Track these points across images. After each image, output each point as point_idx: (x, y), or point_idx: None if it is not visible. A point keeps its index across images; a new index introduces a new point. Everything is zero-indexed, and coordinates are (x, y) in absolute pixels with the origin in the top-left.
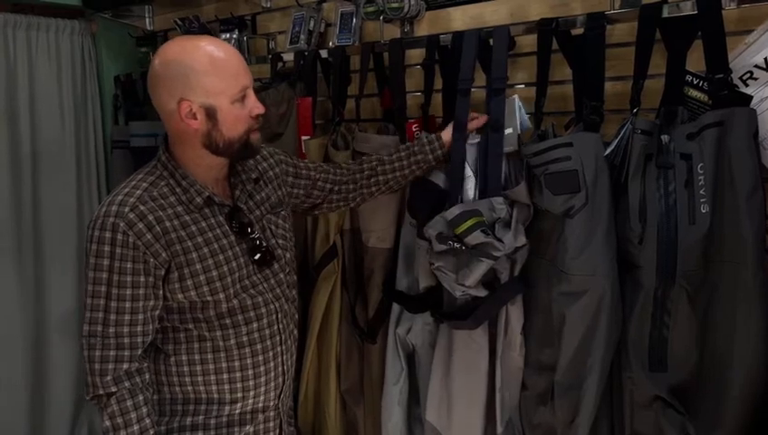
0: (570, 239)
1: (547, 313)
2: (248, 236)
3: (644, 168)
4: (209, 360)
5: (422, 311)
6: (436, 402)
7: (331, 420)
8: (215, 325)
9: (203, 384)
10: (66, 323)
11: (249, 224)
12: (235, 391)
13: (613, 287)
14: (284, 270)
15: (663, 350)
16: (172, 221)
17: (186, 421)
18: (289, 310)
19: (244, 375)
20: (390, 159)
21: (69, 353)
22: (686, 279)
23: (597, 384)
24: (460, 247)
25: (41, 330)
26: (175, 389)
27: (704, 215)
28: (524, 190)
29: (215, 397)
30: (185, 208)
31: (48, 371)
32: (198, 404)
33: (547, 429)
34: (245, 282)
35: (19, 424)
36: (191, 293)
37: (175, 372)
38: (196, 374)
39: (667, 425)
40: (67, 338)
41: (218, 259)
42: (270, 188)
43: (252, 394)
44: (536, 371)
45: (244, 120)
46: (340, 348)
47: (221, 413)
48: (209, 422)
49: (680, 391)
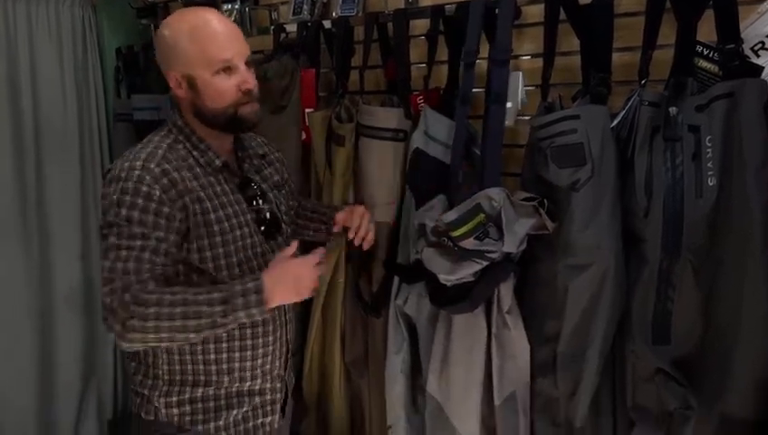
0: (575, 213)
1: (551, 285)
2: (258, 206)
3: (651, 140)
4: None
5: (415, 281)
6: (437, 374)
7: (336, 391)
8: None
9: (214, 353)
10: (71, 299)
11: (260, 195)
12: (244, 359)
13: (618, 261)
14: (288, 242)
15: (667, 323)
16: (193, 182)
17: (197, 393)
18: None
19: (252, 344)
20: (304, 207)
21: (75, 329)
22: (692, 253)
23: (599, 357)
24: (453, 247)
25: (47, 307)
26: (186, 358)
27: (711, 188)
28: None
29: (223, 367)
30: (203, 171)
31: (55, 347)
32: (209, 375)
33: (547, 399)
34: (257, 250)
35: (28, 400)
36: (207, 253)
37: (187, 349)
38: (205, 343)
39: (669, 397)
40: (72, 314)
41: (232, 223)
42: (272, 168)
43: (260, 363)
44: (538, 342)
45: (230, 94)
46: (345, 321)
47: (231, 384)
48: (219, 393)
49: (683, 364)
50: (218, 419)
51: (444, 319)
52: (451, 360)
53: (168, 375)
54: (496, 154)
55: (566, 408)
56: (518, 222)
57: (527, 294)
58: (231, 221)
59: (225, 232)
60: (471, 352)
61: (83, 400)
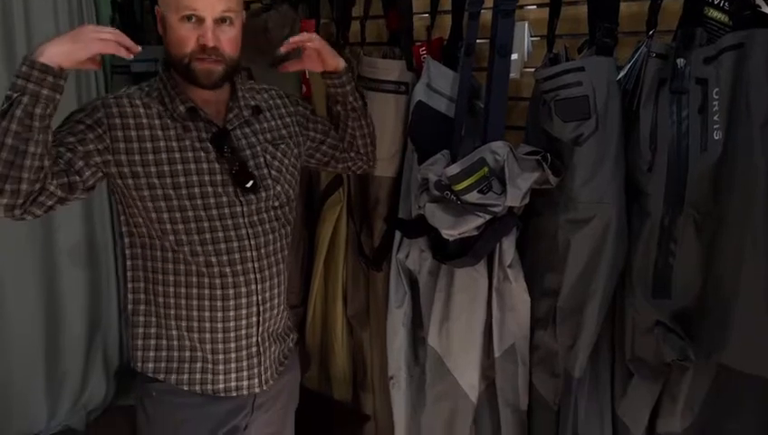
0: (578, 167)
1: (552, 239)
2: (230, 156)
3: (657, 93)
4: (181, 272)
5: (416, 236)
6: (437, 327)
7: (338, 342)
8: (182, 239)
9: (185, 309)
10: (74, 254)
11: (235, 147)
12: (214, 319)
13: (620, 215)
14: (271, 201)
15: (667, 277)
16: (150, 120)
17: (167, 346)
18: (267, 241)
19: (223, 305)
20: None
21: (79, 283)
22: (695, 207)
23: (598, 310)
24: (456, 200)
25: (50, 262)
26: (160, 311)
27: (716, 142)
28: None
29: (193, 325)
30: (168, 115)
31: (60, 301)
32: (180, 331)
33: (547, 351)
34: (221, 199)
35: (36, 354)
36: (145, 193)
37: (160, 290)
38: (178, 286)
39: (668, 350)
40: (76, 268)
41: (186, 168)
42: (273, 122)
43: (232, 325)
44: (538, 296)
45: (188, 43)
46: (347, 275)
47: (201, 343)
48: (184, 346)
49: (682, 317)
50: (182, 371)
51: (445, 273)
52: (452, 313)
53: (143, 328)
54: (500, 107)
55: (565, 359)
56: (521, 176)
57: (529, 249)
58: (185, 166)
59: (178, 184)
60: (472, 305)
61: (89, 353)
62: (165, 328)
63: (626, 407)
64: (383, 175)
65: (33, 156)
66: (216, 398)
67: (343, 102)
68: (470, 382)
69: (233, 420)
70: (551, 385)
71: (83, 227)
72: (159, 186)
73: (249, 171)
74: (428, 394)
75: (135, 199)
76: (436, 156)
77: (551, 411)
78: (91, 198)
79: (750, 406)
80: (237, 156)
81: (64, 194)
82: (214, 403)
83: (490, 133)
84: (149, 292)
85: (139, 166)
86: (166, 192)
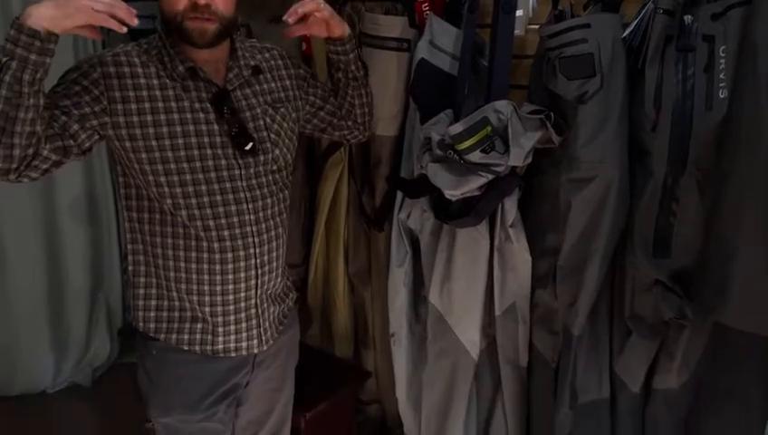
0: (581, 126)
1: (554, 199)
2: (229, 118)
3: (663, 51)
4: (180, 235)
5: (418, 196)
6: (439, 286)
7: (340, 301)
8: (180, 201)
9: (184, 271)
10: (74, 211)
11: (235, 108)
12: (213, 282)
13: (622, 175)
14: (269, 165)
15: (668, 237)
16: (148, 80)
17: (166, 306)
18: (265, 205)
19: (221, 269)
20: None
21: (80, 242)
22: (698, 167)
23: (599, 269)
24: (459, 160)
25: (52, 218)
26: (160, 272)
27: (721, 100)
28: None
29: (193, 288)
30: (167, 74)
31: (62, 259)
32: (179, 292)
33: (546, 310)
34: (220, 162)
35: (40, 313)
36: (142, 155)
37: (159, 253)
38: (177, 250)
39: (666, 308)
40: (77, 226)
41: (185, 129)
42: (273, 83)
43: (231, 288)
44: (539, 255)
45: (180, 1)
46: (348, 234)
47: (199, 304)
48: (185, 307)
49: (681, 276)
50: (182, 332)
51: (447, 232)
52: (454, 272)
53: (143, 289)
54: (504, 65)
55: (564, 317)
56: (524, 135)
57: (531, 208)
58: (185, 128)
59: (177, 146)
60: (473, 264)
61: (93, 312)
62: (165, 289)
63: (623, 364)
64: (385, 134)
65: (24, 121)
66: (216, 357)
67: (345, 70)
68: (471, 340)
69: (234, 378)
70: (550, 343)
71: (83, 181)
72: (157, 148)
73: (248, 133)
74: (430, 351)
75: (132, 162)
76: (439, 115)
77: (549, 368)
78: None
79: (746, 363)
80: (237, 117)
81: (59, 158)
82: (214, 362)
83: (494, 92)
84: (148, 254)
85: (137, 128)
86: (164, 155)
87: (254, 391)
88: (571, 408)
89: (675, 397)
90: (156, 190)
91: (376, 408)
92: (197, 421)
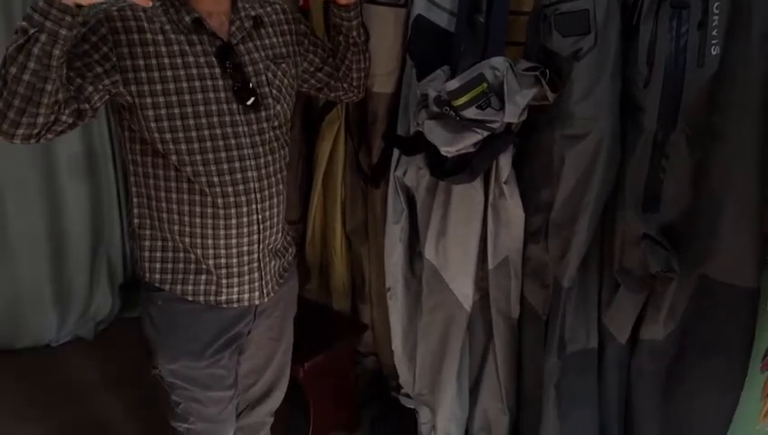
0: (576, 82)
1: (548, 155)
2: (233, 72)
3: (658, 7)
4: (184, 190)
5: (414, 153)
6: (434, 241)
7: (338, 257)
8: (185, 157)
9: (188, 225)
10: (75, 167)
11: (239, 63)
12: (217, 236)
13: (613, 131)
14: (271, 121)
15: (657, 191)
16: (154, 35)
17: (171, 256)
18: (267, 162)
19: (225, 223)
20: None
21: (81, 196)
22: (688, 123)
23: (589, 222)
24: (455, 116)
25: (52, 176)
26: (164, 226)
27: (713, 57)
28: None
29: (197, 241)
30: (173, 28)
31: (63, 217)
32: (183, 243)
33: (538, 264)
34: (224, 119)
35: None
36: (149, 112)
37: (163, 207)
38: (181, 204)
39: (654, 261)
40: (77, 182)
41: (191, 85)
42: (275, 38)
43: (234, 242)
44: (532, 211)
45: None
46: (345, 192)
47: (202, 256)
48: (189, 258)
49: (669, 230)
50: (186, 283)
51: (443, 189)
52: (449, 227)
53: (149, 241)
54: (501, 22)
55: (555, 270)
56: (520, 92)
57: (525, 165)
58: (190, 83)
59: (183, 102)
60: (468, 219)
61: (94, 267)
62: (171, 241)
63: (611, 316)
64: (382, 91)
65: (50, 93)
66: (219, 307)
67: (346, 35)
68: (465, 293)
69: (236, 327)
70: (540, 295)
71: (82, 139)
72: (164, 105)
73: (251, 88)
74: (425, 304)
75: (140, 119)
76: (435, 72)
77: (540, 320)
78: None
79: (729, 316)
80: (240, 72)
81: (74, 120)
82: (218, 311)
83: (490, 49)
84: (153, 208)
85: (144, 84)
86: (170, 112)
87: (254, 339)
88: (559, 357)
89: (660, 348)
90: (161, 147)
91: (372, 360)
92: (203, 368)
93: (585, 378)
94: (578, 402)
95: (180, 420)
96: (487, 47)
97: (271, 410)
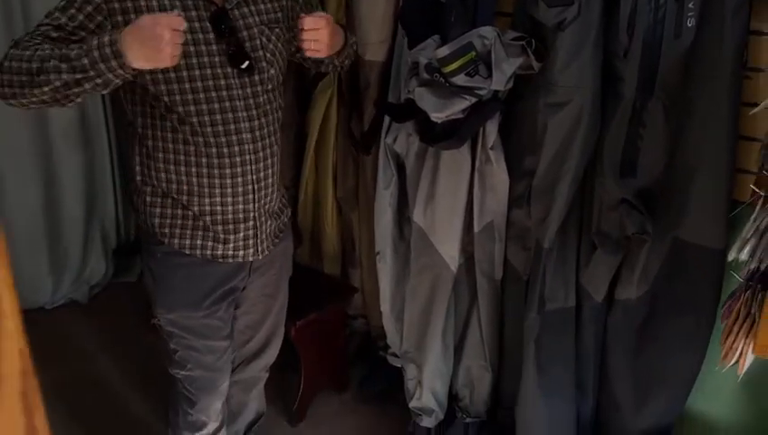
0: (559, 52)
1: (533, 122)
2: (227, 37)
3: None
4: (181, 151)
5: (404, 120)
6: (422, 205)
7: (329, 222)
8: (183, 119)
9: (185, 175)
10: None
11: (234, 27)
12: (213, 195)
13: (594, 99)
14: (264, 85)
15: (634, 158)
16: (149, 1)
17: (172, 210)
18: (261, 124)
19: (221, 182)
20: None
21: (75, 163)
22: (665, 92)
23: (569, 187)
24: (445, 83)
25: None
26: (161, 179)
27: (689, 29)
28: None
29: (194, 199)
30: None
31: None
32: (181, 196)
33: (521, 228)
34: (219, 82)
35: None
36: (146, 76)
37: (162, 167)
38: (178, 165)
39: (629, 224)
40: (71, 149)
41: (186, 49)
42: (269, 3)
43: (230, 200)
44: (517, 177)
45: None
46: (337, 158)
47: (200, 211)
48: (187, 214)
49: (645, 195)
50: (184, 237)
51: (432, 155)
52: (437, 191)
53: (150, 196)
54: None
55: (536, 231)
56: (507, 61)
57: (511, 133)
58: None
59: (179, 67)
60: (456, 184)
61: (88, 232)
62: (170, 198)
63: (589, 276)
64: (373, 59)
65: (76, 95)
66: (216, 261)
67: (327, 64)
68: (451, 255)
69: (232, 281)
70: (522, 258)
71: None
72: (160, 70)
73: (245, 52)
74: (413, 266)
75: (136, 84)
76: (426, 41)
77: (521, 281)
78: None
79: (698, 277)
80: (235, 36)
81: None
82: (214, 265)
83: (480, 18)
84: (151, 168)
85: None
86: (166, 76)
87: (250, 295)
88: (539, 313)
89: (633, 307)
90: (158, 112)
91: (361, 322)
92: (199, 317)
93: (563, 335)
94: (556, 358)
95: (178, 367)
96: (477, 17)
97: (266, 365)
